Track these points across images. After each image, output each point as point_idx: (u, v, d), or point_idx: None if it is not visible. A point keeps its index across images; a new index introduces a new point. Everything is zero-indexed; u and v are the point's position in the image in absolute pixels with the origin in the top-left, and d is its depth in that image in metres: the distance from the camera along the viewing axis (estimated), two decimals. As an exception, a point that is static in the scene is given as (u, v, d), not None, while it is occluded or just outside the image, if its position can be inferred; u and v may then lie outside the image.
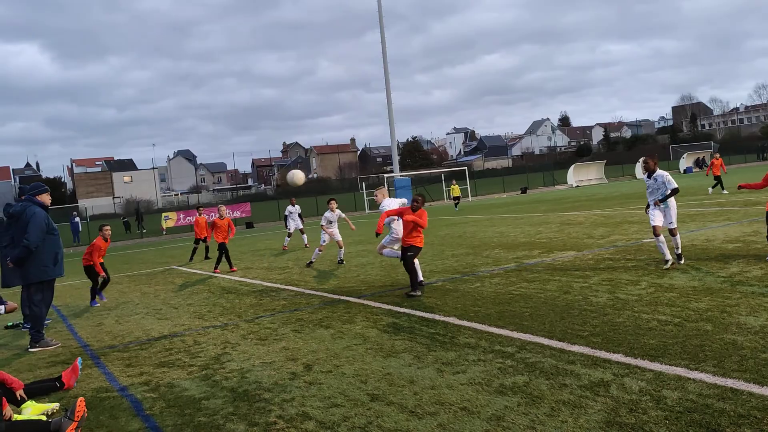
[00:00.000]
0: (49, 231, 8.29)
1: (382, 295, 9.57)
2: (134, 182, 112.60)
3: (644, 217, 17.40)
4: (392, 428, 4.36)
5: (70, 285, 16.11)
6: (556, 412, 4.34)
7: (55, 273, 8.39)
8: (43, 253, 8.20)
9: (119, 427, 4.98)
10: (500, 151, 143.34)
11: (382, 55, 47.22)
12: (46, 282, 8.36)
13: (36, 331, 8.32)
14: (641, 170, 9.24)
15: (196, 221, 20.62)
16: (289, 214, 20.99)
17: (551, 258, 11.58)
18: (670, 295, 7.55)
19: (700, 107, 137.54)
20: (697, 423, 3.94)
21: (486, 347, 6.11)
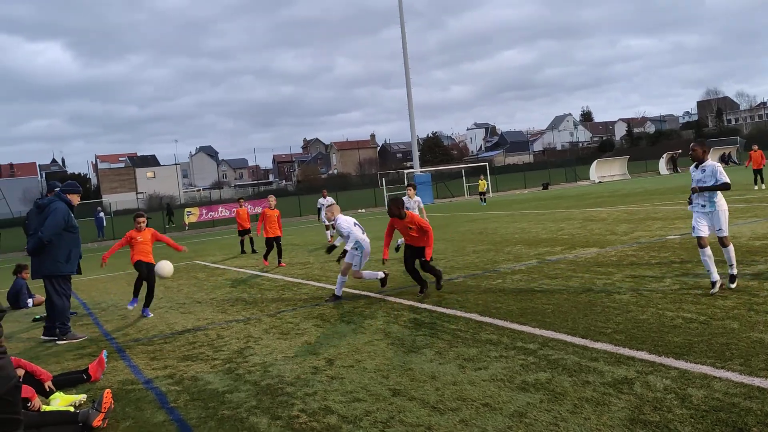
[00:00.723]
0: (68, 228, 8.41)
1: (402, 292, 9.58)
2: (157, 178, 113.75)
3: (668, 214, 17.20)
4: (414, 423, 4.37)
5: (95, 279, 16.35)
6: (579, 409, 4.31)
7: (67, 269, 8.49)
8: (58, 248, 8.35)
9: (145, 419, 5.06)
10: (521, 147, 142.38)
11: (403, 51, 47.16)
12: (60, 277, 8.49)
13: (61, 323, 8.47)
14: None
15: (238, 213, 20.06)
16: (321, 206, 20.27)
17: (573, 254, 11.49)
18: (695, 292, 7.46)
19: (727, 102, 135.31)
20: (723, 422, 3.89)
21: (508, 344, 6.09)
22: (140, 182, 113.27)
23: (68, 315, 8.65)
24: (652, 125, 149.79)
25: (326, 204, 19.95)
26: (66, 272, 8.52)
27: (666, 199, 23.05)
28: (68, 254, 8.45)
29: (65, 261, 8.44)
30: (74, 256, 8.56)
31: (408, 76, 47.65)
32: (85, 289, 14.14)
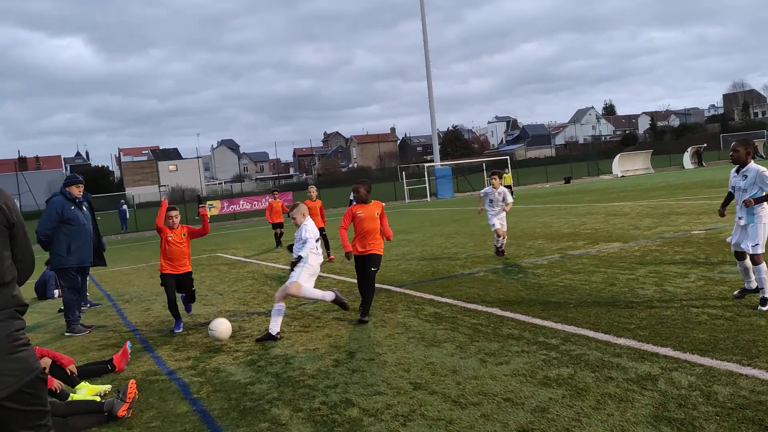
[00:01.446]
0: (64, 221, 8.39)
1: (423, 285, 9.57)
2: (179, 171, 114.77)
3: (693, 208, 16.95)
4: (435, 417, 4.37)
5: (119, 271, 16.56)
6: (602, 405, 4.28)
7: (71, 262, 8.47)
8: (57, 242, 8.43)
9: (168, 409, 5.12)
10: (543, 140, 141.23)
11: (424, 44, 46.95)
12: (64, 270, 8.53)
13: (66, 316, 8.56)
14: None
15: (270, 206, 19.08)
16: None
17: (596, 249, 11.38)
18: (720, 288, 7.35)
19: (753, 95, 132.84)
20: (750, 420, 3.84)
21: (530, 338, 6.06)
22: (162, 175, 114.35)
23: (76, 308, 8.61)
24: (677, 119, 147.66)
25: None
26: (69, 265, 8.50)
27: (691, 194, 22.71)
28: (68, 247, 8.44)
29: (66, 254, 8.45)
30: (76, 249, 8.48)
31: (429, 69, 47.47)
32: (108, 281, 14.34)
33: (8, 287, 2.70)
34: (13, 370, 2.59)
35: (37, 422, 2.67)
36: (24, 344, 2.68)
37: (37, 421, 2.67)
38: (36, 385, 2.66)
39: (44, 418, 2.70)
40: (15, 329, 2.65)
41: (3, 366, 2.57)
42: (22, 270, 2.86)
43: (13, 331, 2.64)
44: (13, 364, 2.60)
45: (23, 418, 2.63)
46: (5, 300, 2.66)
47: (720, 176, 33.12)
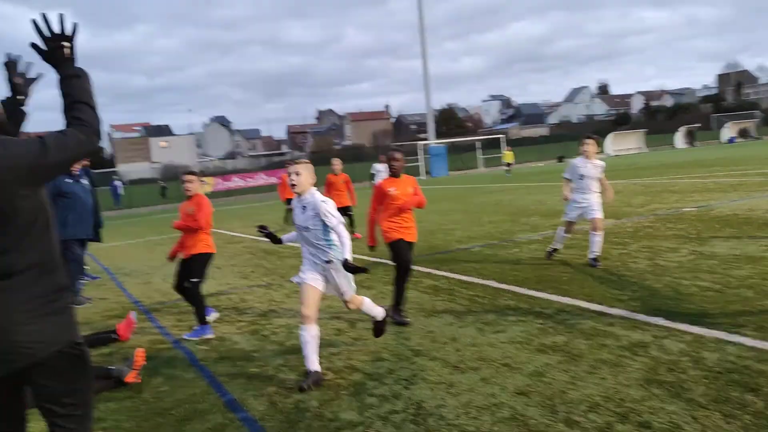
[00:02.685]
0: (60, 194, 8.38)
1: (420, 259, 9.72)
2: (171, 148, 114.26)
3: (685, 187, 17.17)
4: (436, 381, 4.55)
5: (116, 246, 16.66)
6: (596, 370, 4.47)
7: (67, 234, 8.42)
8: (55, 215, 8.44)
9: (176, 375, 5.28)
10: (537, 119, 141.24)
11: (420, 21, 46.72)
12: (68, 242, 8.54)
13: None
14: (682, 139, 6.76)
15: (284, 180, 16.80)
16: (377, 173, 18.05)
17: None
18: (710, 262, 7.55)
19: (746, 75, 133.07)
20: (736, 382, 4.04)
21: (525, 309, 6.25)
22: (154, 152, 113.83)
23: (74, 279, 8.62)
24: (671, 98, 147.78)
25: (384, 171, 16.57)
26: (68, 237, 8.45)
27: (683, 173, 22.93)
28: (64, 219, 8.40)
29: (62, 226, 8.45)
30: (73, 221, 8.49)
31: (424, 46, 47.29)
32: (106, 256, 14.44)
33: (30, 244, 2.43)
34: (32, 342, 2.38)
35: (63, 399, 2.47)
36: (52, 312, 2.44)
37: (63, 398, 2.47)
38: (61, 358, 2.44)
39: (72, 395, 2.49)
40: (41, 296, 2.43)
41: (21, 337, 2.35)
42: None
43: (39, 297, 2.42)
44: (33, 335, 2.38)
45: (48, 392, 2.45)
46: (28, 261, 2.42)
47: (712, 156, 33.38)
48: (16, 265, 2.41)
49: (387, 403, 4.26)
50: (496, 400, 4.14)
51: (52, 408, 2.49)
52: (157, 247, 15.42)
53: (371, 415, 4.08)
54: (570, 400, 4.03)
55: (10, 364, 2.39)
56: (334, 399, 4.42)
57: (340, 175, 12.95)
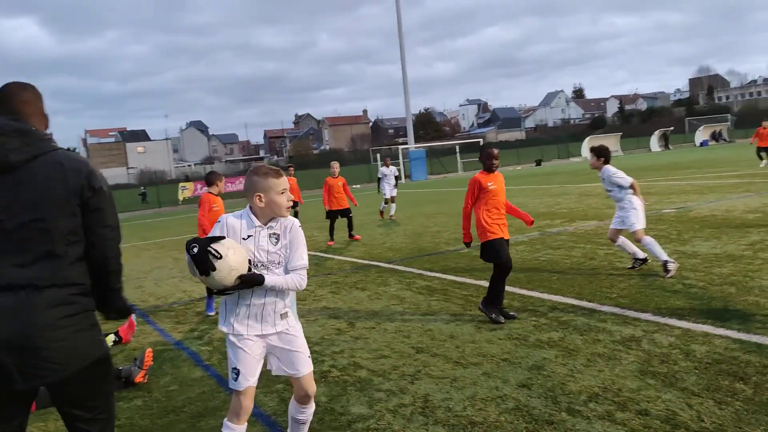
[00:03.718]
0: None
1: (411, 261, 9.92)
2: (147, 153, 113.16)
3: (662, 189, 17.59)
4: (440, 375, 4.73)
5: (101, 251, 16.58)
6: (593, 363, 4.69)
7: None
8: None
9: (183, 375, 5.39)
10: (513, 123, 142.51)
11: (398, 26, 47.05)
12: None
13: None
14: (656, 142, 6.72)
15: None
16: (383, 176, 17.70)
17: (573, 227, 11.86)
18: (693, 261, 7.84)
19: (718, 79, 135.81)
20: (725, 372, 4.27)
21: (519, 307, 6.46)
22: (131, 157, 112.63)
23: None
24: (644, 102, 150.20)
25: (390, 174, 17.57)
26: None
27: (659, 175, 23.45)
28: None
29: None
30: None
31: (403, 52, 47.63)
32: (93, 261, 14.39)
33: (63, 262, 2.51)
34: (64, 358, 2.47)
35: (89, 403, 2.60)
36: (81, 329, 2.54)
37: (89, 402, 2.59)
38: (93, 370, 2.56)
39: (98, 399, 2.63)
40: (72, 313, 2.51)
41: (54, 353, 2.45)
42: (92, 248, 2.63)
43: (70, 314, 2.50)
44: (64, 351, 2.47)
45: (75, 400, 2.57)
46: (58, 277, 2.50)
47: (687, 158, 34.11)
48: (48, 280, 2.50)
49: (394, 397, 4.43)
50: (499, 392, 4.32)
51: (78, 413, 2.60)
52: (143, 252, 15.42)
53: (381, 409, 4.24)
54: (570, 391, 4.23)
55: (42, 379, 2.49)
56: (342, 394, 4.58)
57: (338, 177, 13.09)
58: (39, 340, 2.43)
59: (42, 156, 2.57)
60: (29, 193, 2.51)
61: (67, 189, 2.54)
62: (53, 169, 2.55)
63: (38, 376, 2.46)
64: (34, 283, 2.46)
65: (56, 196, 2.53)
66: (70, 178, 2.55)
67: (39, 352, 2.44)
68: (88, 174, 2.61)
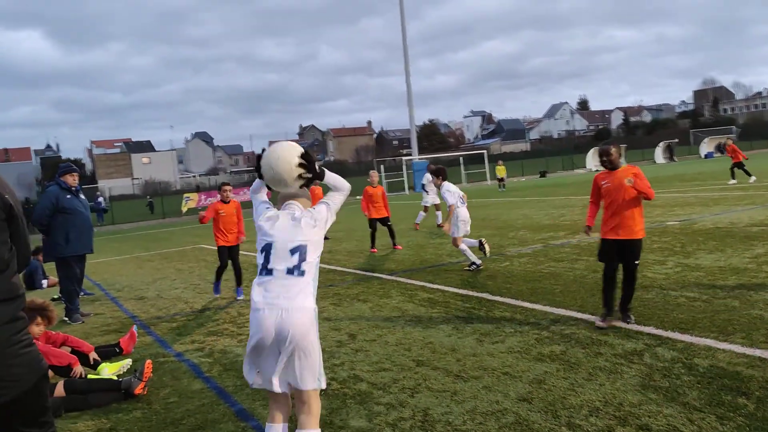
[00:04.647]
0: (60, 210, 8.46)
1: (413, 273, 9.90)
2: (152, 163, 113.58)
3: (667, 201, 17.54)
4: (440, 389, 4.70)
5: (105, 262, 16.62)
6: (594, 377, 4.65)
7: (68, 251, 8.54)
8: (55, 231, 8.48)
9: (182, 386, 5.37)
10: (518, 135, 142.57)
11: (402, 39, 47.25)
12: (68, 258, 8.62)
13: (65, 305, 8.71)
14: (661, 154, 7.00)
15: (312, 192, 16.93)
16: (428, 182, 17.23)
17: (577, 239, 11.83)
18: (696, 274, 7.81)
19: (723, 91, 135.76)
20: (728, 387, 4.24)
21: (521, 320, 6.43)
22: (136, 168, 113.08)
23: (75, 297, 8.75)
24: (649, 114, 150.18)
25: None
26: (67, 254, 8.56)
27: (664, 187, 23.37)
28: (66, 236, 8.49)
29: (64, 243, 8.50)
30: (74, 238, 8.55)
31: (407, 64, 47.80)
32: (96, 271, 14.42)
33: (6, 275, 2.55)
34: (16, 375, 2.48)
35: (40, 419, 2.61)
36: (26, 345, 2.56)
37: (39, 418, 2.61)
38: (40, 386, 2.59)
39: (46, 414, 2.64)
40: (16, 330, 2.52)
41: (13, 370, 2.47)
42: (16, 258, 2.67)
43: (15, 333, 2.51)
44: (15, 369, 2.48)
45: (29, 418, 2.58)
46: (4, 291, 2.52)
47: (691, 170, 34.04)
48: None
49: (394, 410, 4.40)
50: (499, 406, 4.30)
51: (32, 431, 2.59)
52: (146, 263, 15.44)
53: (380, 422, 4.22)
54: (571, 405, 4.20)
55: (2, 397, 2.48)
56: (341, 407, 4.55)
57: (377, 187, 13.25)
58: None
59: None
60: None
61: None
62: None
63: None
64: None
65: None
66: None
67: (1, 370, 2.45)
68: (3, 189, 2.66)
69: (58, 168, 9.04)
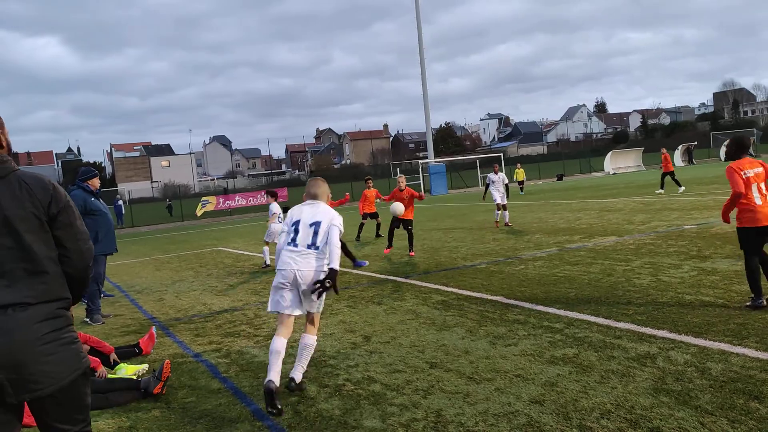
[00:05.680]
0: (87, 212, 8.60)
1: (428, 276, 9.95)
2: (172, 167, 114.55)
3: (684, 204, 17.43)
4: (453, 391, 4.75)
5: (124, 264, 16.85)
6: (606, 380, 4.68)
7: (97, 250, 8.58)
8: None
9: (200, 386, 5.48)
10: (535, 138, 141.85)
11: (419, 42, 47.33)
12: (97, 258, 8.70)
13: (88, 306, 8.87)
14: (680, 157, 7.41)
15: (364, 195, 17.27)
16: (491, 183, 17.16)
17: (592, 243, 11.81)
18: (712, 278, 7.78)
19: (743, 93, 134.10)
20: (741, 391, 4.25)
21: (535, 323, 6.46)
22: (155, 171, 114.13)
23: (97, 297, 8.91)
24: (668, 117, 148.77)
25: (499, 181, 17.10)
26: (97, 253, 8.71)
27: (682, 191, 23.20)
28: (96, 236, 8.65)
29: (94, 243, 8.74)
30: (103, 237, 8.73)
31: (423, 68, 47.87)
32: (116, 273, 14.64)
33: (46, 277, 2.63)
34: (55, 371, 2.55)
35: (75, 416, 2.67)
36: (68, 342, 2.62)
37: (75, 415, 2.67)
38: (79, 383, 2.65)
39: (83, 412, 2.70)
40: (54, 328, 2.59)
41: (45, 367, 2.53)
42: (68, 261, 2.75)
43: (51, 331, 2.58)
44: (55, 365, 2.55)
45: (63, 414, 2.63)
46: (42, 293, 2.60)
47: (710, 174, 33.69)
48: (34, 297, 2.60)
49: (407, 411, 4.46)
50: (512, 408, 4.34)
51: (65, 427, 2.66)
52: (164, 265, 15.64)
53: (393, 423, 4.28)
54: (582, 407, 4.23)
55: (34, 393, 2.56)
56: (355, 408, 4.62)
57: (405, 190, 13.29)
58: (31, 355, 2.52)
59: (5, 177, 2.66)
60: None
61: (35, 206, 2.64)
62: (18, 187, 2.65)
63: (30, 390, 2.54)
64: (22, 301, 2.55)
65: (25, 214, 2.62)
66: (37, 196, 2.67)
67: (32, 367, 2.52)
68: (53, 191, 2.72)
69: (79, 172, 9.21)
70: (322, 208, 5.23)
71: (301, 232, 5.09)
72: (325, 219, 5.11)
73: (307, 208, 5.25)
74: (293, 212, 5.31)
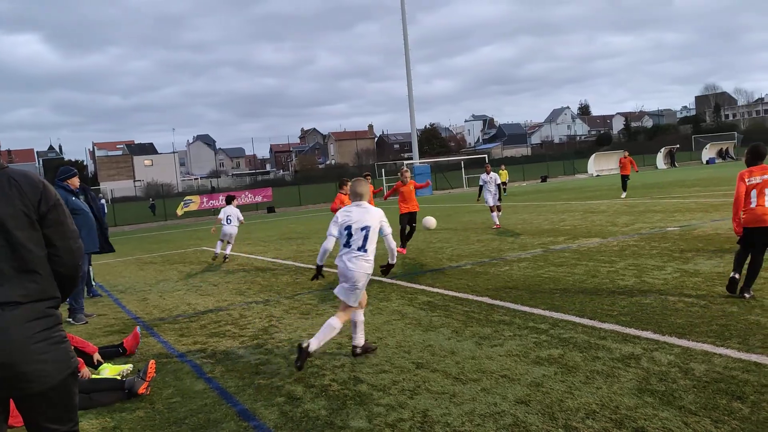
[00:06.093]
0: (72, 211, 8.56)
1: (413, 277, 9.96)
2: (155, 166, 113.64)
3: (667, 206, 17.61)
4: (439, 391, 4.76)
5: (107, 264, 16.69)
6: (591, 380, 4.72)
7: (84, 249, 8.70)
8: None
9: (185, 387, 5.44)
10: (519, 140, 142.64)
11: (404, 43, 47.38)
12: None
13: (71, 305, 8.78)
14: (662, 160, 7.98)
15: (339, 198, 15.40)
16: (484, 184, 16.99)
17: (576, 244, 11.89)
18: (695, 279, 7.87)
19: (724, 97, 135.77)
20: (723, 391, 4.30)
21: (520, 324, 6.49)
22: (138, 170, 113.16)
23: (81, 296, 8.86)
24: (650, 120, 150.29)
25: (491, 181, 16.82)
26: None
27: (665, 193, 23.46)
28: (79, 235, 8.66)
29: None
30: (86, 236, 8.63)
31: (408, 69, 47.92)
32: (98, 272, 14.49)
33: (36, 276, 2.61)
34: (47, 370, 2.55)
35: (65, 415, 2.66)
36: (59, 341, 2.61)
37: (64, 414, 2.66)
38: (69, 382, 2.64)
39: (72, 411, 2.69)
40: (44, 327, 2.59)
41: (37, 365, 2.52)
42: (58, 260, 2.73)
43: (42, 330, 2.57)
44: (46, 364, 2.55)
45: (53, 413, 2.62)
46: (32, 291, 2.59)
47: (692, 176, 34.11)
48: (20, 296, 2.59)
49: (394, 412, 4.47)
50: (498, 408, 4.36)
51: (54, 427, 2.64)
52: (148, 265, 15.51)
53: (380, 423, 4.28)
54: (568, 408, 4.26)
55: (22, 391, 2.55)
56: (342, 408, 4.62)
57: (410, 182, 13.46)
58: (23, 353, 2.51)
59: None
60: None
61: (24, 204, 2.64)
62: (8, 185, 2.64)
63: (21, 388, 2.53)
64: (13, 300, 2.54)
65: (15, 212, 2.60)
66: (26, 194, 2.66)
67: (24, 366, 2.51)
68: (43, 189, 2.72)
69: (58, 172, 9.11)
70: (369, 211, 5.90)
71: (354, 235, 5.81)
72: (374, 223, 5.87)
73: (355, 211, 5.90)
74: (343, 215, 5.92)
